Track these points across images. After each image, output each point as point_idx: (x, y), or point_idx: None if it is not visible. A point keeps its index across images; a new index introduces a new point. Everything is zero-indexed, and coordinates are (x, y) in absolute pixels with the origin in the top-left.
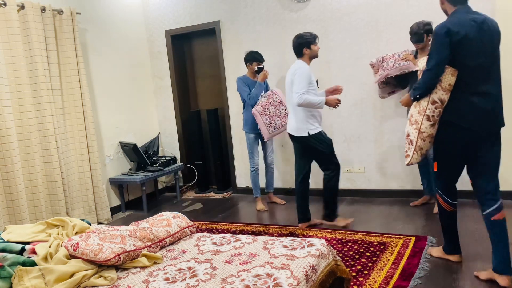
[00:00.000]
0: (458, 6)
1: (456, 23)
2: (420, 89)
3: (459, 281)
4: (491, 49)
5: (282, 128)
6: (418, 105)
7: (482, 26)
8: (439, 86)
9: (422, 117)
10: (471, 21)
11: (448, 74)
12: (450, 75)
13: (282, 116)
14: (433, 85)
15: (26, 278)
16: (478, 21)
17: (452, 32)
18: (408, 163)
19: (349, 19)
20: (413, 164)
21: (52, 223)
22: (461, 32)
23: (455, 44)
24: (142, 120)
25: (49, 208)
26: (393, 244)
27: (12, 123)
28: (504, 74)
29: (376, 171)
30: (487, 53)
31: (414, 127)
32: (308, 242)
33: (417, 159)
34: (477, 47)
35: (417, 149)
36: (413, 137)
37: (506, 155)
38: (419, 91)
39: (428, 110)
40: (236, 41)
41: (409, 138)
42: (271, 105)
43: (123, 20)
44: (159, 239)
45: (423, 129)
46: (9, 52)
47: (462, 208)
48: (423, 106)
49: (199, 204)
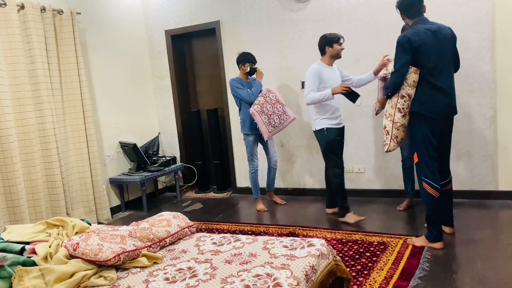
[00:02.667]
0: (415, 19)
1: (414, 33)
2: (391, 88)
3: (459, 280)
4: (445, 52)
5: (281, 126)
6: (390, 101)
7: (436, 34)
8: (406, 83)
9: (394, 110)
10: (427, 31)
11: (412, 72)
12: (413, 73)
13: (280, 114)
14: (400, 83)
15: (26, 278)
16: (432, 30)
17: (411, 40)
18: (387, 150)
19: (349, 19)
20: (391, 151)
21: (52, 223)
22: (418, 41)
23: (415, 49)
24: (142, 120)
25: (49, 208)
26: (393, 244)
27: (12, 123)
28: (505, 75)
29: (376, 171)
30: (442, 56)
31: (389, 119)
32: (308, 242)
33: (394, 146)
34: (433, 51)
35: (393, 137)
36: (389, 127)
37: (507, 155)
38: (390, 89)
39: (398, 104)
40: (236, 41)
41: (385, 129)
42: (268, 103)
43: (123, 20)
44: (159, 239)
45: (396, 120)
46: (9, 52)
47: (461, 208)
48: (394, 101)
49: (199, 204)
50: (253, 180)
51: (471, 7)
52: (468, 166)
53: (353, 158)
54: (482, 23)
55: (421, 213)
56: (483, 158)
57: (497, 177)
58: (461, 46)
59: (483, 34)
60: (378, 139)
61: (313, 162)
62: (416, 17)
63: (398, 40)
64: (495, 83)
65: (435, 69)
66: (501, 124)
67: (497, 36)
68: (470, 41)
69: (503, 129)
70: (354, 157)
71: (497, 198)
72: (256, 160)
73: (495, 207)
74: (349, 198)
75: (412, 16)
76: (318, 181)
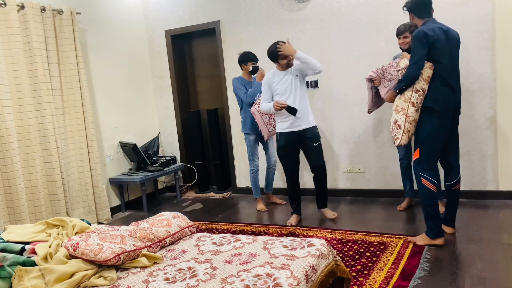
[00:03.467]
0: (426, 18)
1: (430, 29)
2: (406, 81)
3: (459, 280)
4: (453, 53)
5: None
6: (402, 96)
7: (447, 33)
8: (421, 77)
9: (407, 104)
10: (439, 28)
11: (427, 68)
12: (429, 68)
13: None
14: (417, 76)
15: (26, 278)
16: (444, 29)
17: (428, 35)
18: (398, 144)
19: (349, 19)
20: (402, 146)
21: (52, 223)
22: (434, 36)
23: (430, 44)
24: (142, 120)
25: (49, 208)
26: (393, 244)
27: (12, 123)
28: (505, 75)
29: (376, 171)
30: (451, 55)
31: (402, 114)
32: (308, 242)
33: (405, 140)
34: (445, 48)
35: (405, 131)
36: (401, 122)
37: (507, 155)
38: (404, 82)
39: (412, 98)
40: (236, 41)
41: (397, 123)
42: None
43: (123, 20)
44: (159, 239)
45: (410, 114)
46: (9, 52)
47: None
48: (408, 95)
49: (199, 204)
50: (253, 180)
51: (471, 7)
52: (468, 166)
53: (353, 158)
54: (482, 23)
55: (421, 212)
56: (483, 158)
57: (497, 177)
58: (461, 46)
59: (483, 34)
60: (378, 139)
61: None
62: (427, 17)
63: (415, 34)
64: (495, 83)
65: (448, 66)
66: (501, 124)
67: (497, 36)
68: (470, 41)
69: (503, 129)
70: (354, 157)
71: (497, 198)
72: (257, 159)
73: (495, 207)
74: (349, 198)
75: (423, 16)
76: None
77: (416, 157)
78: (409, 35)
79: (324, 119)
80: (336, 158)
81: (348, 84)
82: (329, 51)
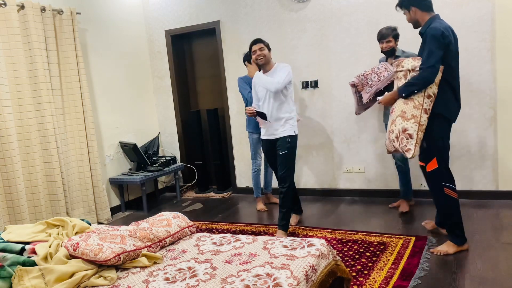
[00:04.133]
0: (431, 12)
1: (445, 27)
2: (419, 85)
3: (459, 280)
4: (458, 56)
5: None
6: (411, 101)
7: (455, 34)
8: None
9: (420, 111)
10: (450, 28)
11: (439, 71)
12: (440, 72)
13: None
14: (432, 81)
15: (26, 278)
16: (452, 29)
17: (444, 35)
18: (412, 156)
19: (349, 19)
20: (415, 157)
21: (52, 223)
22: (449, 36)
23: (446, 46)
24: (142, 120)
25: (49, 208)
26: (393, 244)
27: (12, 123)
28: (504, 75)
29: (376, 171)
30: (457, 59)
31: (413, 121)
32: (308, 242)
33: (418, 151)
34: (455, 50)
35: (418, 141)
36: (412, 131)
37: (507, 155)
38: (417, 86)
39: (425, 104)
40: (236, 41)
41: (406, 132)
42: None
43: (123, 20)
44: (159, 239)
45: (423, 122)
46: (9, 52)
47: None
48: (419, 101)
49: (199, 204)
50: (255, 179)
51: (471, 7)
52: (468, 166)
53: (353, 158)
54: (482, 23)
55: (421, 213)
56: (483, 158)
57: (497, 177)
58: (461, 46)
59: (483, 34)
60: (378, 139)
61: (313, 162)
62: (431, 10)
63: (433, 33)
64: (495, 83)
65: (455, 69)
66: (501, 124)
67: (497, 36)
68: (470, 41)
69: (503, 129)
70: (354, 157)
71: (497, 198)
72: (259, 158)
73: (495, 207)
74: (349, 198)
75: (427, 9)
76: (318, 181)
77: (433, 167)
78: (392, 39)
79: (324, 119)
80: (336, 158)
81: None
82: (329, 51)
